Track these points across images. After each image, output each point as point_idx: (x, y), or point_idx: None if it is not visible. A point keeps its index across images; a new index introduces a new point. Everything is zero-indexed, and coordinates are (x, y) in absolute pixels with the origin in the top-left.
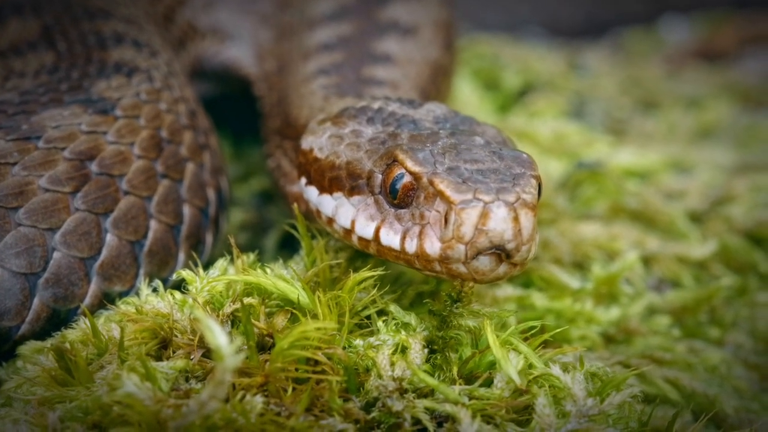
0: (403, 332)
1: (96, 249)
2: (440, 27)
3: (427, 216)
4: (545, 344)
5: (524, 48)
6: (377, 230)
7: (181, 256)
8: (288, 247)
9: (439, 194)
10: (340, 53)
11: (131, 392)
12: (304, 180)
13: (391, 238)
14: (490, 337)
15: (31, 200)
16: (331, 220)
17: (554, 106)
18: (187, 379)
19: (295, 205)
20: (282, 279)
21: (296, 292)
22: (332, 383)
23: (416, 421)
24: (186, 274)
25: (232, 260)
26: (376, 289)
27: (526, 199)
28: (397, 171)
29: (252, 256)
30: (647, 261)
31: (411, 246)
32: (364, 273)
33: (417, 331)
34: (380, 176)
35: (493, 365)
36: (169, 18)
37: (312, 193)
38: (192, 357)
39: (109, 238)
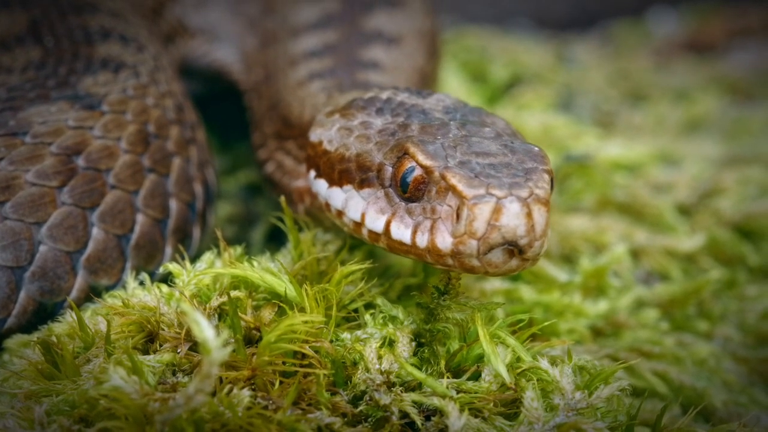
0: (390, 325)
1: (82, 243)
2: (425, 36)
3: (439, 210)
4: (533, 337)
5: (512, 40)
6: (388, 224)
7: (168, 250)
8: (275, 240)
9: (452, 189)
10: (329, 60)
11: (118, 386)
12: (313, 173)
13: (401, 232)
14: (481, 330)
15: (17, 194)
16: (340, 213)
17: (542, 98)
18: (173, 373)
19: (282, 198)
20: (269, 272)
21: (283, 285)
22: (319, 377)
23: (404, 415)
24: (173, 267)
25: (219, 253)
26: (363, 282)
27: (539, 194)
28: (408, 164)
29: (239, 249)
30: (635, 254)
31: (422, 240)
32: (352, 266)
33: (404, 324)
34: (390, 169)
35: (480, 358)
36: (157, 12)
37: (321, 185)
38: (179, 350)
39: (96, 231)
